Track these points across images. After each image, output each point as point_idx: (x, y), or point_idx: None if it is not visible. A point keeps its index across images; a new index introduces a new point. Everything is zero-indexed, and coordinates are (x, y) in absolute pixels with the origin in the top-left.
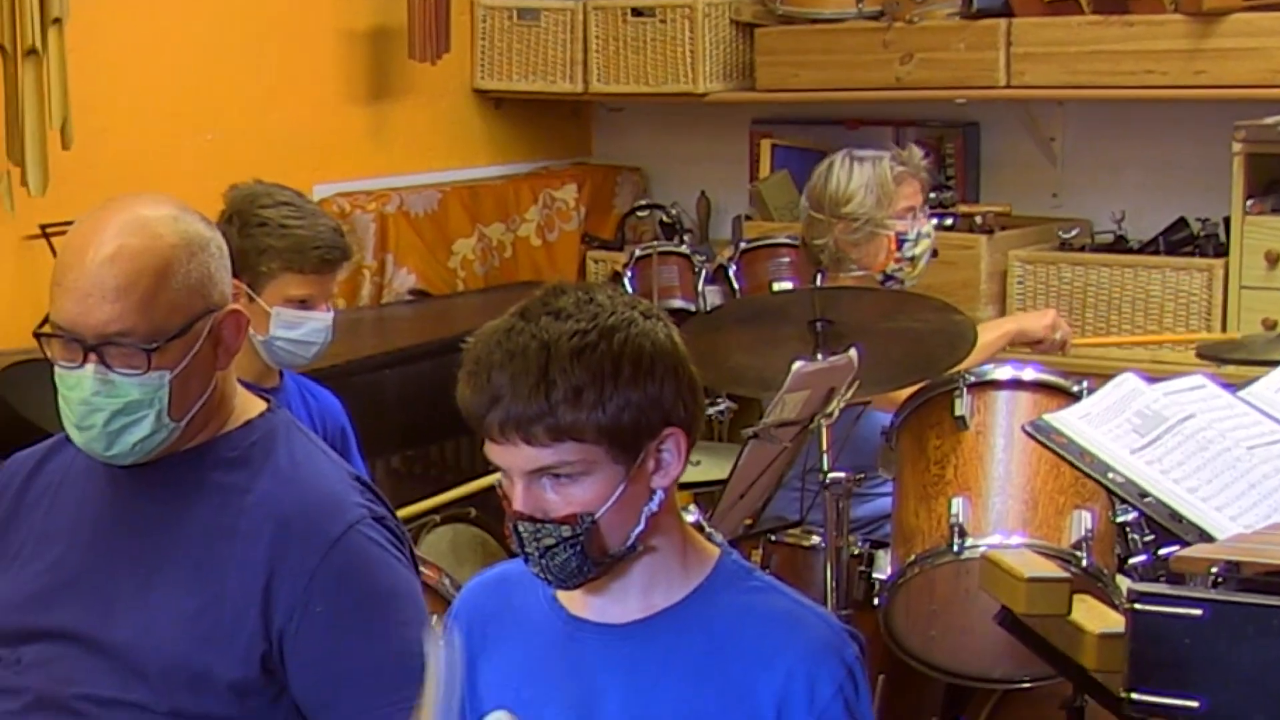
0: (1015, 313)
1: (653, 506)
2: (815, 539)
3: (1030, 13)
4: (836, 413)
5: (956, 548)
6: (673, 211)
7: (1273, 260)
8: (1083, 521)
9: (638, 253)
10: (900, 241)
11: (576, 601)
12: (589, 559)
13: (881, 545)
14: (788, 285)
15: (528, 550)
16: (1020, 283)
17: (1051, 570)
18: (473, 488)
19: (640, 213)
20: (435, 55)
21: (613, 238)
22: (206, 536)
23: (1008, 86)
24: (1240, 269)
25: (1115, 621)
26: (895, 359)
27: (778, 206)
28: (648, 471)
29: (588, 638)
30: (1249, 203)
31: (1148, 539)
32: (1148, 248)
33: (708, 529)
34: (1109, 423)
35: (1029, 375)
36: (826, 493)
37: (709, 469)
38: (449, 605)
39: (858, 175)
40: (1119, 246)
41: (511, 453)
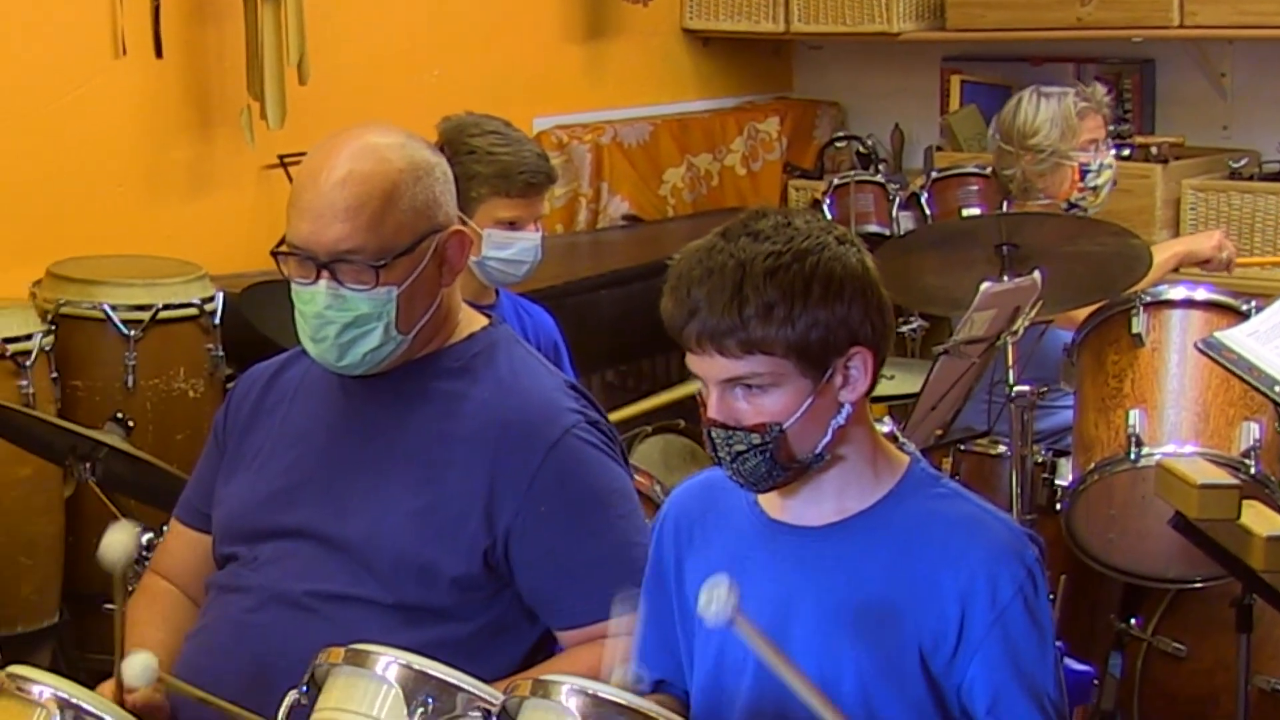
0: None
1: (840, 420)
2: (1001, 448)
3: None
4: (1021, 330)
5: (1133, 456)
6: (868, 143)
7: None
8: (1251, 432)
9: (836, 181)
10: (1084, 172)
11: (774, 505)
12: (777, 465)
13: (1063, 454)
14: (976, 211)
15: (720, 454)
16: (1193, 209)
17: (1222, 477)
18: (677, 394)
19: (838, 144)
20: None
21: (812, 167)
22: (432, 441)
23: (1181, 26)
24: None
25: None
26: (1076, 280)
27: (966, 138)
28: (835, 386)
29: (785, 539)
30: None
31: None
32: None
33: (901, 439)
34: (1276, 339)
35: (1201, 295)
36: (1012, 405)
37: (902, 383)
38: (659, 509)
39: (1044, 110)
40: None
41: (707, 363)
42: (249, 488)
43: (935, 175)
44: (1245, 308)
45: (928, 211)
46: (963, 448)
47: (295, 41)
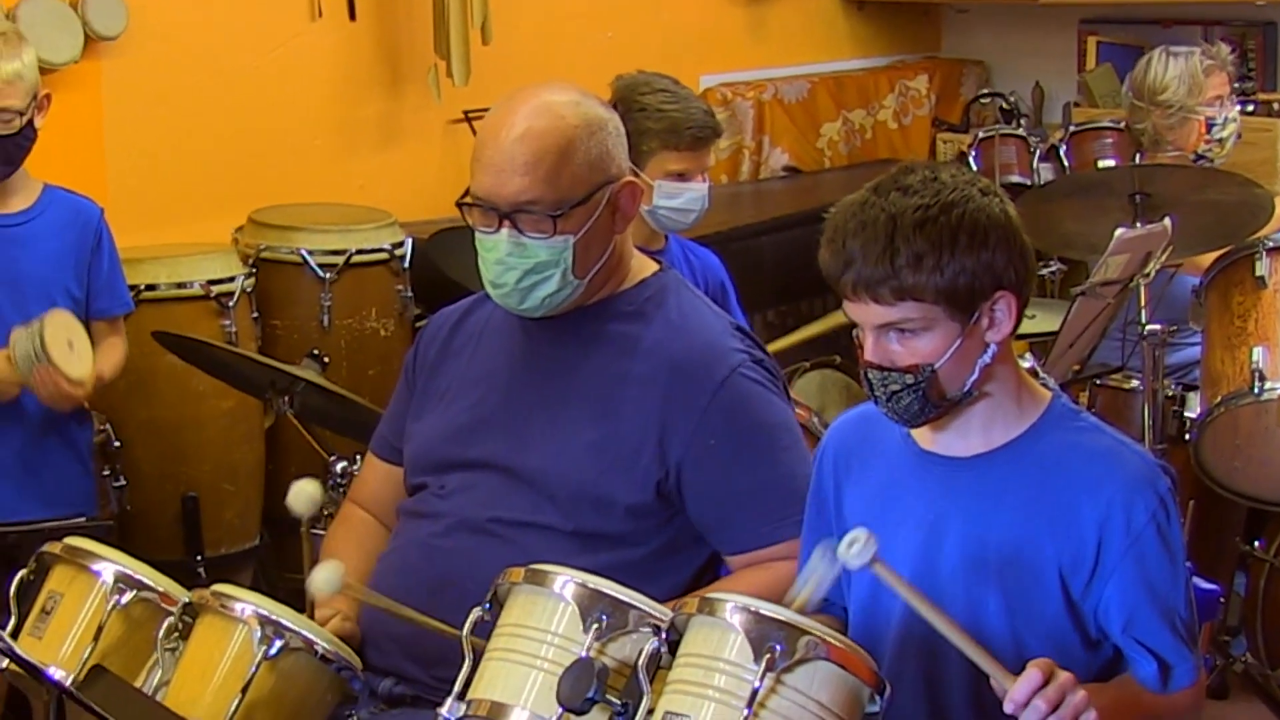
0: None
1: (986, 359)
2: (1134, 383)
3: None
4: (1153, 273)
5: (1257, 390)
6: (1011, 99)
7: None
8: None
9: (981, 135)
10: (1210, 125)
11: (926, 437)
12: (929, 402)
13: (1191, 388)
14: (1111, 163)
15: (876, 393)
16: None
17: None
18: (829, 323)
19: (983, 100)
20: None
21: (959, 122)
22: (606, 379)
23: None
24: None
25: None
26: (1203, 227)
27: (1102, 94)
28: (982, 328)
29: (935, 468)
30: None
31: None
32: None
33: (1041, 374)
34: None
35: None
36: (1144, 342)
37: (1043, 322)
38: (819, 441)
39: (1173, 68)
40: None
41: (862, 309)
42: (437, 423)
43: (1073, 129)
44: None
45: (1066, 163)
46: (1098, 382)
47: (479, 4)
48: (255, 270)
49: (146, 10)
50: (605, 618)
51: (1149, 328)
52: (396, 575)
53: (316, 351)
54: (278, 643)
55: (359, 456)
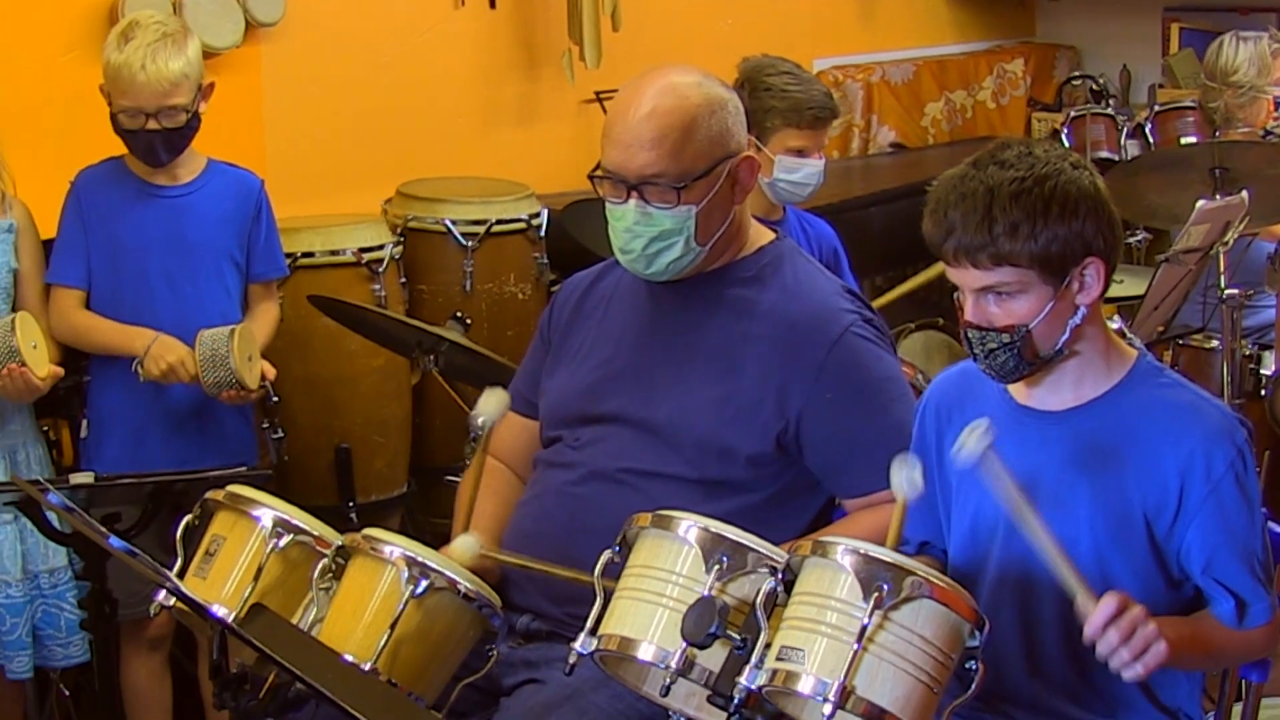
0: None
1: (1076, 320)
2: (1214, 343)
3: None
4: (1231, 241)
5: None
6: (1100, 81)
7: None
8: None
9: (1072, 114)
10: (1278, 104)
11: (1021, 393)
12: (1024, 360)
13: (1267, 347)
14: (1192, 139)
15: (975, 351)
16: None
17: None
18: (930, 275)
19: (1074, 82)
20: None
21: (1052, 102)
22: (728, 339)
23: None
24: None
25: None
26: (1277, 197)
27: (1184, 76)
28: (1073, 291)
29: (1030, 421)
30: None
31: None
32: None
33: (1128, 335)
34: None
35: None
36: (1223, 305)
37: (1129, 286)
38: (922, 395)
39: (1242, 51)
40: None
41: (962, 274)
42: (571, 380)
43: (1157, 109)
44: None
45: (1151, 140)
46: (1180, 342)
47: None
48: (403, 239)
49: None
50: (726, 559)
51: (1228, 292)
52: (533, 521)
53: (459, 314)
54: (424, 582)
55: None
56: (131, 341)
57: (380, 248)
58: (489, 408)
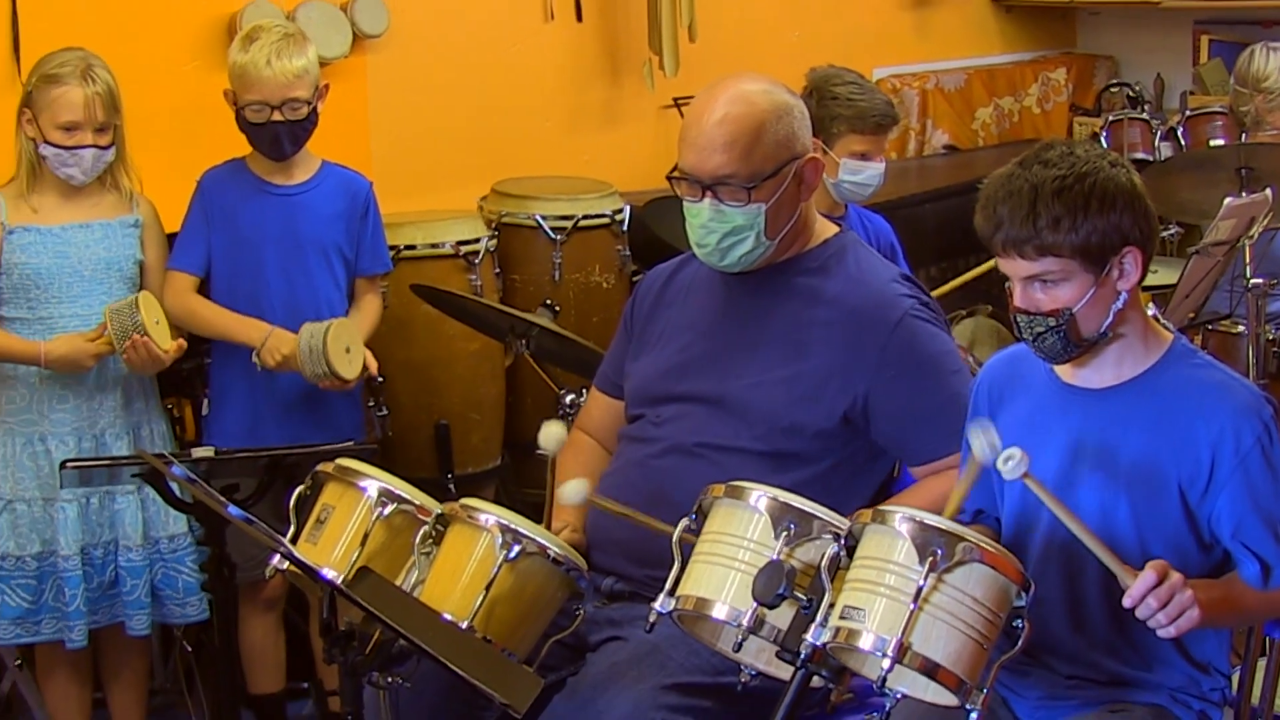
0: None
1: (1117, 305)
2: (1240, 328)
3: None
4: (1256, 235)
5: None
6: (1136, 88)
7: None
8: None
9: (1111, 118)
10: None
11: (1067, 372)
12: (1069, 341)
13: None
14: (1220, 142)
15: (1024, 334)
16: None
17: None
18: (981, 269)
19: (1112, 89)
20: None
21: (1092, 107)
22: (796, 324)
23: None
24: None
25: None
26: None
27: (1213, 84)
28: (1113, 279)
29: (1075, 398)
30: None
31: None
32: None
33: (1162, 320)
34: None
35: None
36: (1249, 294)
37: (1164, 276)
38: (976, 375)
39: (1272, 60)
40: None
41: (1011, 264)
42: (652, 363)
43: (1188, 114)
44: None
45: (1183, 142)
46: (1210, 327)
47: (687, 7)
48: (497, 233)
49: (406, 13)
50: (793, 526)
51: (1253, 281)
52: (618, 490)
53: (549, 301)
54: (516, 548)
55: (584, 390)
56: (248, 333)
57: (476, 241)
58: (549, 442)
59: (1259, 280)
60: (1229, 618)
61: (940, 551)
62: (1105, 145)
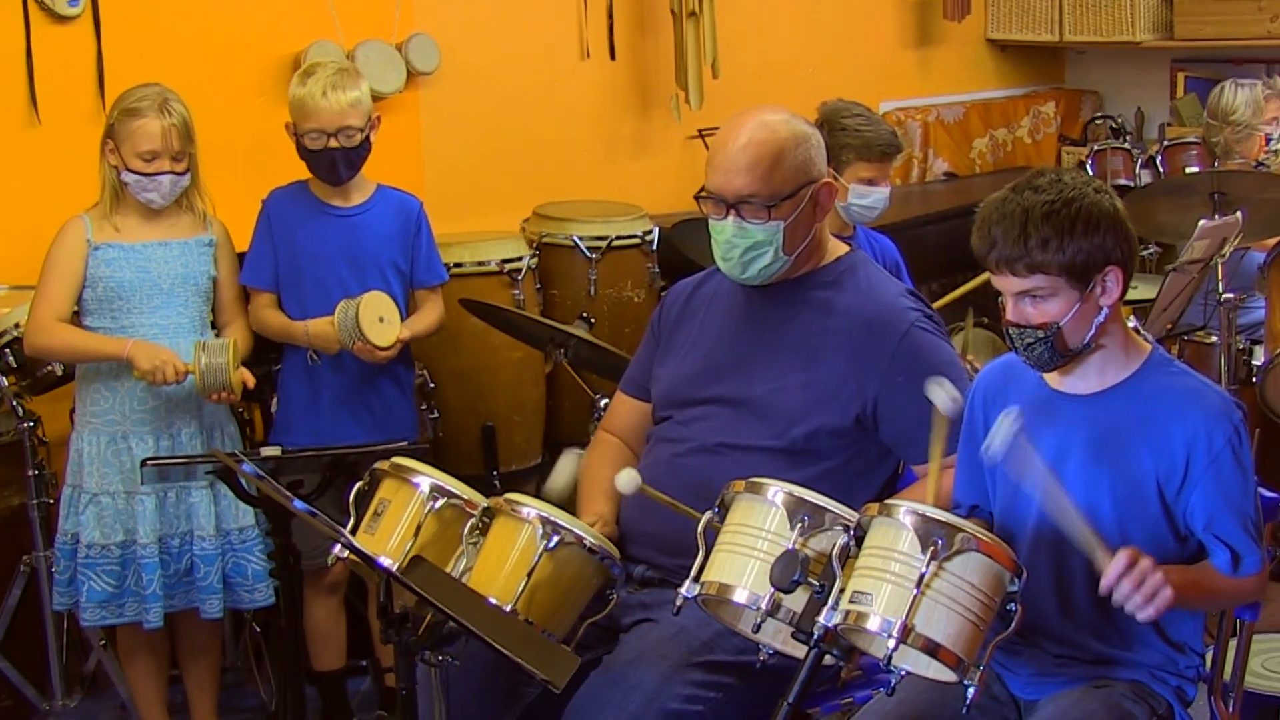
0: None
1: (1100, 318)
2: (1213, 338)
3: None
4: (1228, 253)
5: None
6: (1119, 121)
7: None
8: None
9: (1095, 148)
10: (1269, 140)
11: (1055, 380)
12: (1057, 352)
13: (1258, 342)
14: (1195, 169)
15: (1015, 345)
16: None
17: None
18: (974, 283)
19: (1097, 121)
20: (960, 15)
21: (1079, 138)
22: (811, 333)
23: None
24: None
25: None
26: (1266, 218)
27: (1189, 117)
28: (1096, 295)
29: (1063, 403)
30: None
31: None
32: None
33: (1142, 331)
34: None
35: None
36: (1221, 307)
37: (1143, 291)
38: (971, 382)
39: (1240, 95)
40: None
41: (1003, 280)
42: (678, 369)
43: (1166, 144)
44: None
45: (1161, 169)
46: (1185, 338)
47: (710, 47)
48: (538, 252)
49: (456, 52)
50: (807, 519)
51: (1225, 296)
52: (650, 485)
53: (585, 314)
54: (555, 538)
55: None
56: (323, 338)
57: (519, 259)
58: (563, 477)
59: (1230, 295)
60: (1201, 600)
61: (940, 541)
62: (1090, 173)
